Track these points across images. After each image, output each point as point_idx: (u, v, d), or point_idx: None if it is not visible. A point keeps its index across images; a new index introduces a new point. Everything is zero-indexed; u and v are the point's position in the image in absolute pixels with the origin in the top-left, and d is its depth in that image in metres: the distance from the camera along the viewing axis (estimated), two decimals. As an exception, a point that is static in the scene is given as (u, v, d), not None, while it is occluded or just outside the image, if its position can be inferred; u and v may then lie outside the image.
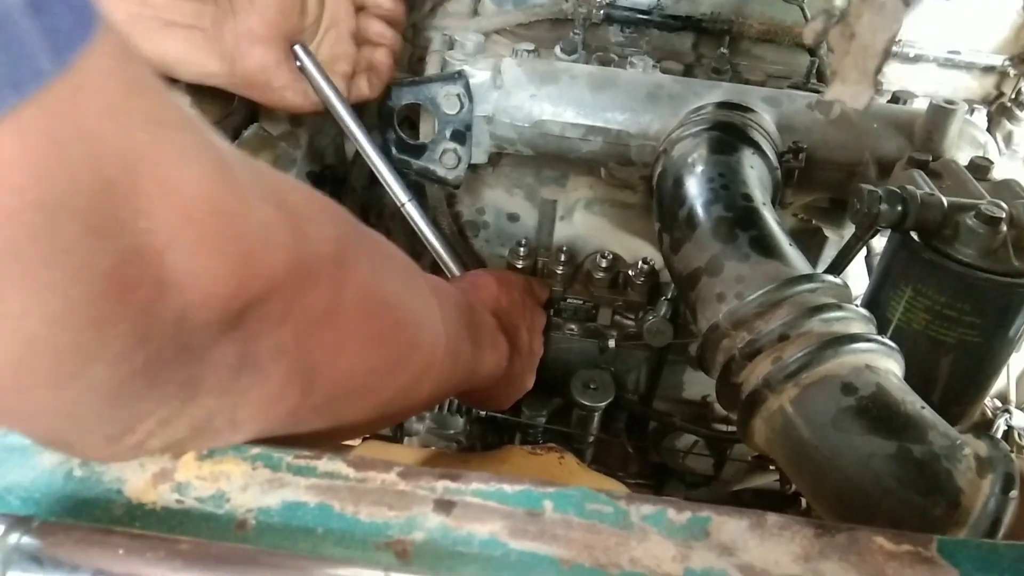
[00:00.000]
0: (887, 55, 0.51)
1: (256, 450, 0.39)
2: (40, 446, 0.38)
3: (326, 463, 0.38)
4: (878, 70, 0.53)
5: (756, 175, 0.74)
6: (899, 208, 0.63)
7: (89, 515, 0.36)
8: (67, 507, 0.36)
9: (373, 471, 0.38)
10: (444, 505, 0.37)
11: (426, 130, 0.88)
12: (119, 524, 0.35)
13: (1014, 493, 0.48)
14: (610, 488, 0.63)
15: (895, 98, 0.93)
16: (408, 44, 1.03)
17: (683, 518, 0.37)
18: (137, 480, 0.37)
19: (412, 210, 0.81)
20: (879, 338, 0.58)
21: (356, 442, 0.73)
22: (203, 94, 0.85)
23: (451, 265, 0.84)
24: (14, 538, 0.32)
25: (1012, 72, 0.95)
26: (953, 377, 0.67)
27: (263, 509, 0.36)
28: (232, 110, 0.81)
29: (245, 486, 0.37)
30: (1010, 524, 0.48)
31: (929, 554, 0.35)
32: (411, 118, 0.93)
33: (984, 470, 0.50)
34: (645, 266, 0.93)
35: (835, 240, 0.95)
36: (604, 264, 0.94)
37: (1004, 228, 0.62)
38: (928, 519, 0.49)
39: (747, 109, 0.81)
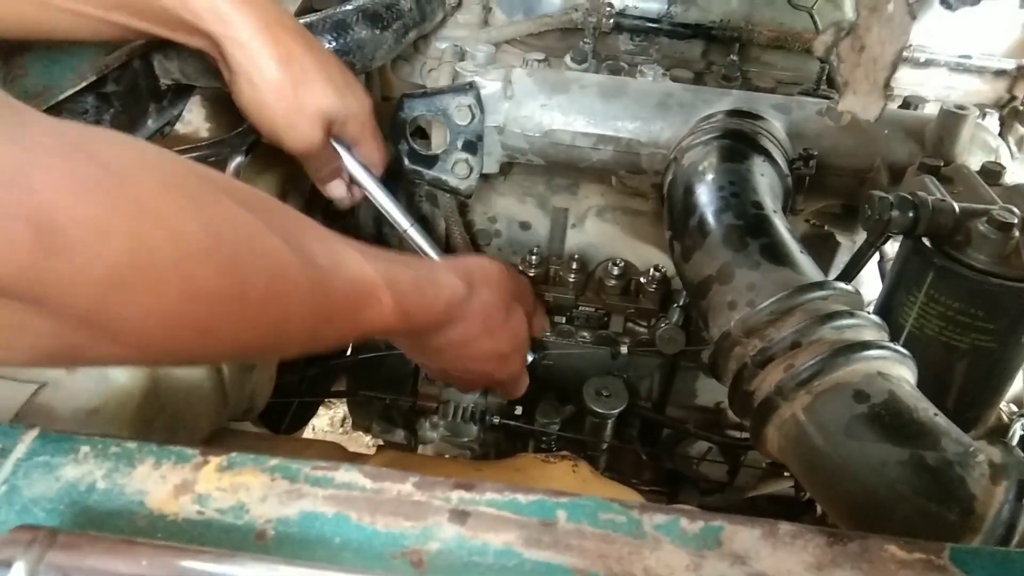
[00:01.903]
0: (896, 67, 0.52)
1: (275, 461, 0.40)
2: (64, 459, 0.39)
3: (343, 474, 0.39)
4: (887, 82, 0.53)
5: (766, 183, 0.74)
6: (911, 214, 0.63)
7: (112, 526, 0.37)
8: (91, 519, 0.37)
9: (389, 482, 0.39)
10: (459, 515, 0.37)
11: (438, 141, 0.89)
12: (142, 535, 0.36)
13: (1029, 500, 0.48)
14: (624, 496, 0.64)
15: (906, 103, 0.93)
16: (420, 55, 1.04)
17: (696, 527, 0.37)
18: (159, 492, 0.38)
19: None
20: (891, 345, 0.58)
21: (371, 451, 0.73)
22: (219, 104, 0.86)
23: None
24: (40, 550, 0.32)
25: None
26: (967, 383, 0.67)
27: (282, 519, 0.37)
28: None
29: (264, 497, 0.38)
30: (1025, 531, 0.48)
31: (941, 562, 0.36)
32: (423, 129, 0.93)
33: (998, 477, 0.49)
34: (657, 273, 0.93)
35: (848, 245, 0.95)
36: (616, 272, 0.95)
37: (1016, 233, 0.61)
38: (942, 526, 0.49)
39: (757, 117, 0.81)
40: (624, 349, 0.94)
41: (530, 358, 0.90)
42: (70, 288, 0.37)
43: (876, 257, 0.79)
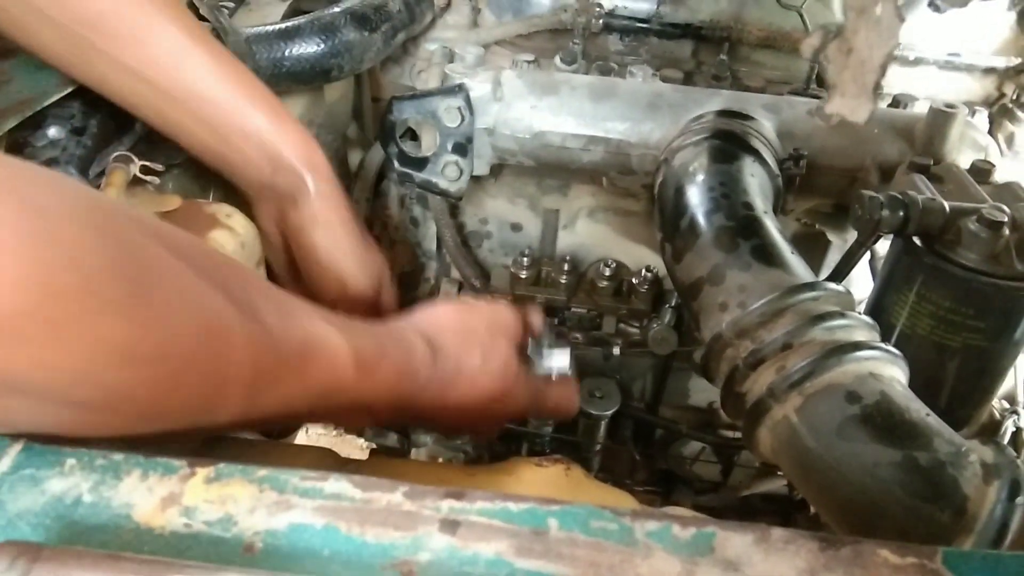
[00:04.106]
0: (885, 69, 0.52)
1: (263, 472, 0.39)
2: (49, 472, 0.39)
3: (332, 484, 0.39)
4: (876, 84, 0.53)
5: (757, 183, 0.74)
6: (901, 213, 0.63)
7: (98, 541, 0.36)
8: (77, 532, 0.37)
9: (379, 491, 0.38)
10: (449, 525, 0.37)
11: (428, 143, 0.88)
12: (128, 549, 0.36)
13: (1021, 499, 0.48)
14: (617, 499, 0.63)
15: (895, 102, 0.93)
16: (409, 57, 1.04)
17: (688, 534, 0.37)
18: (145, 504, 0.38)
19: None
20: (883, 345, 0.58)
21: (363, 456, 0.73)
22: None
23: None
24: (24, 566, 0.32)
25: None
26: (959, 381, 0.67)
27: (270, 531, 0.37)
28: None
29: (252, 508, 0.38)
30: (1017, 530, 0.48)
31: (934, 566, 0.35)
32: (413, 131, 0.93)
33: (990, 477, 0.50)
34: (649, 274, 0.93)
35: (838, 244, 0.95)
36: (608, 272, 0.94)
37: (1007, 232, 0.62)
38: (935, 527, 0.49)
39: (747, 117, 0.81)
40: (616, 350, 0.94)
41: (566, 362, 0.71)
42: None
43: (867, 256, 0.79)
